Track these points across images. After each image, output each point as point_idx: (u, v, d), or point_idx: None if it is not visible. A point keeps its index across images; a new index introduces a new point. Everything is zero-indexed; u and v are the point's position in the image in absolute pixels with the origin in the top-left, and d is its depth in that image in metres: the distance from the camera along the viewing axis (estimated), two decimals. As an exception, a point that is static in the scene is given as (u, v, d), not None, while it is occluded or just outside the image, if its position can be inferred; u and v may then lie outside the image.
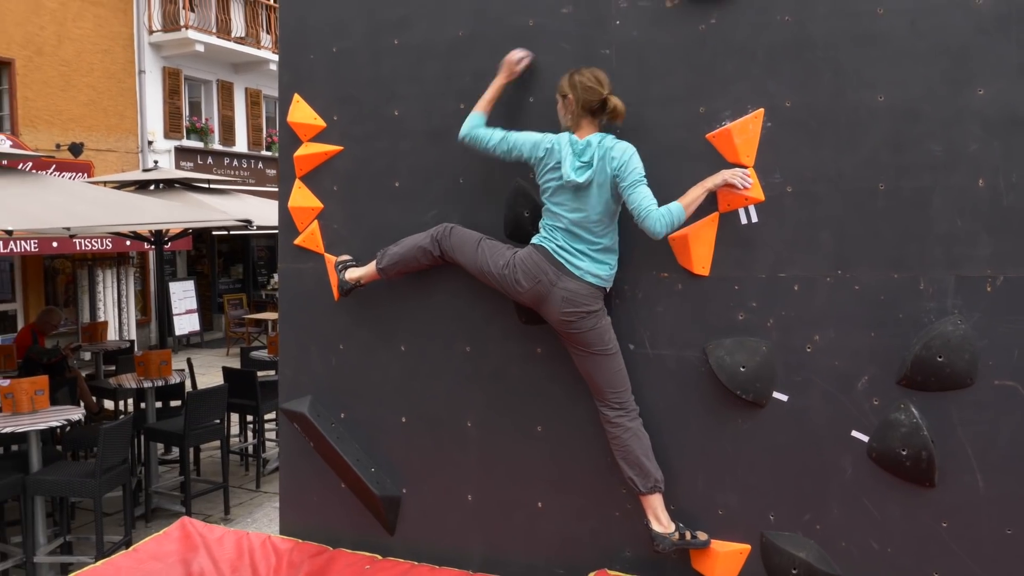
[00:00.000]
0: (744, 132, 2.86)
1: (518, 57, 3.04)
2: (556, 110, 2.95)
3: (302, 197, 3.54)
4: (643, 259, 3.00)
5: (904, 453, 2.68)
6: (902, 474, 2.70)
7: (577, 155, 2.80)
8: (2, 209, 4.78)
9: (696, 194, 2.78)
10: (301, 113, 3.52)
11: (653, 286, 3.00)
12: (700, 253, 2.92)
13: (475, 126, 2.99)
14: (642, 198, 2.73)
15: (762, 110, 2.85)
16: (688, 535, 2.87)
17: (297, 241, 3.56)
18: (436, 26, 3.29)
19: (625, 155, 2.78)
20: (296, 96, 3.54)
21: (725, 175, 2.81)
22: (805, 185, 2.81)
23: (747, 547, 2.89)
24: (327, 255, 3.49)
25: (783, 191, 2.83)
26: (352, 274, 3.27)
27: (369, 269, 3.24)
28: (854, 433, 2.77)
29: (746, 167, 2.85)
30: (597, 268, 2.84)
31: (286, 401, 3.57)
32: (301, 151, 3.53)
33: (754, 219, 2.87)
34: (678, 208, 2.73)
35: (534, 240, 2.92)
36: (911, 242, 2.71)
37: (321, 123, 3.50)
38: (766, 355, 2.85)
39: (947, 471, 2.67)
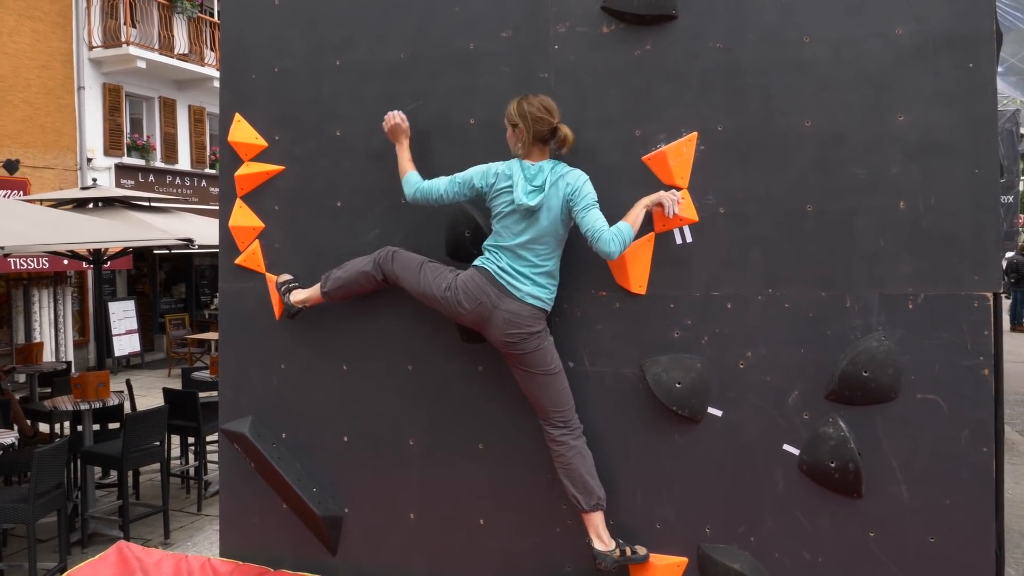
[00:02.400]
0: (678, 155, 2.94)
1: (398, 119, 3.10)
2: (499, 131, 3.00)
3: (243, 217, 3.53)
4: (582, 278, 3.05)
5: (833, 465, 2.77)
6: (831, 486, 2.79)
7: (529, 180, 2.85)
8: (-68, 228, 4.66)
9: (637, 212, 2.85)
10: (242, 132, 3.51)
11: (592, 305, 3.06)
12: (637, 272, 2.99)
13: (417, 184, 3.01)
14: (595, 220, 2.78)
15: (695, 134, 2.94)
16: (628, 551, 2.91)
17: (238, 261, 3.54)
18: (378, 48, 3.32)
19: (579, 181, 2.84)
20: (237, 115, 3.53)
21: (660, 196, 2.88)
22: (737, 206, 2.90)
23: (684, 560, 2.95)
24: (268, 275, 3.48)
25: (716, 212, 2.92)
26: (297, 296, 3.26)
27: (313, 292, 3.24)
28: (785, 447, 2.86)
29: (680, 188, 2.93)
30: (538, 291, 2.88)
31: (227, 421, 3.53)
32: (242, 170, 3.51)
33: (688, 239, 2.95)
34: (627, 227, 2.79)
35: (476, 262, 2.95)
36: (837, 262, 2.81)
37: (262, 143, 3.50)
38: (701, 372, 2.92)
39: (874, 482, 2.77)
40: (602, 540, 2.91)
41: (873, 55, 2.79)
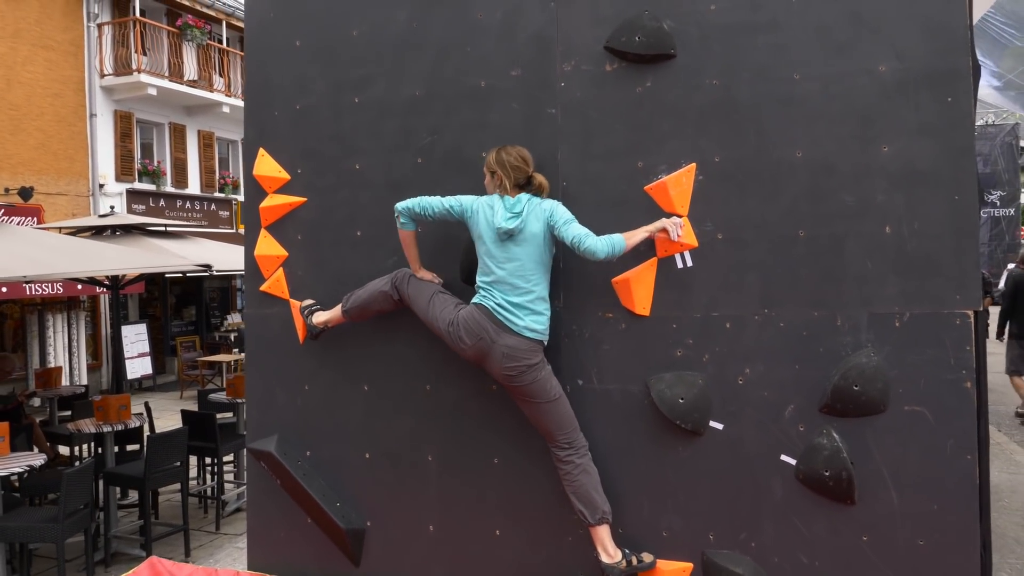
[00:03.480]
0: (678, 184, 3.15)
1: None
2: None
3: (267, 246, 3.73)
4: (589, 301, 3.25)
5: (827, 474, 2.95)
6: (826, 493, 2.97)
7: (508, 208, 3.06)
8: (-34, 258, 4.88)
9: (638, 234, 3.06)
10: (266, 166, 3.73)
11: (599, 326, 3.25)
12: (641, 295, 3.18)
13: (408, 201, 3.18)
14: (576, 229, 3.01)
15: (694, 164, 3.14)
16: (635, 560, 3.09)
17: (263, 287, 3.74)
18: (394, 85, 3.54)
19: (555, 205, 3.08)
20: (261, 150, 3.75)
21: (663, 222, 3.08)
22: (734, 232, 3.10)
23: (690, 565, 3.12)
24: (292, 300, 3.68)
25: (714, 238, 3.12)
26: (319, 318, 3.46)
27: (335, 313, 3.44)
28: (783, 457, 3.03)
29: (681, 216, 3.13)
30: (534, 321, 3.05)
31: (253, 441, 3.71)
32: (266, 202, 3.72)
33: (689, 263, 3.15)
34: (619, 237, 3.00)
35: (474, 300, 3.13)
36: (828, 283, 3.01)
37: (285, 175, 3.71)
38: (702, 388, 3.11)
39: (866, 490, 2.95)
40: (608, 553, 3.08)
41: (859, 91, 2.99)
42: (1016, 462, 7.25)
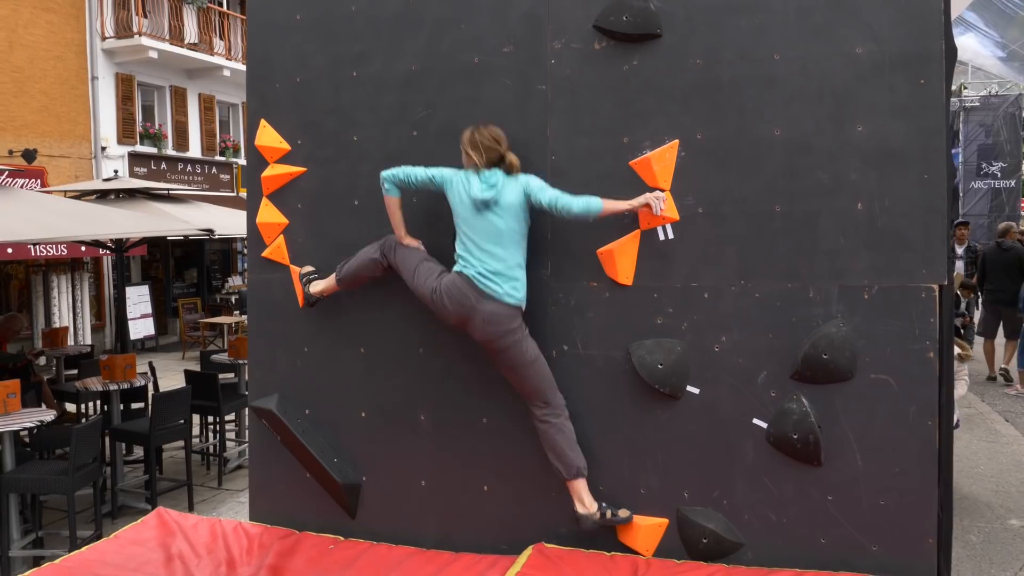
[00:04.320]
0: (662, 160, 3.29)
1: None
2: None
3: (269, 214, 3.88)
4: (575, 271, 3.41)
5: (796, 437, 3.13)
6: (795, 455, 3.15)
7: (484, 180, 3.23)
8: (-24, 221, 5.03)
9: (621, 206, 3.21)
10: (268, 137, 3.86)
11: (584, 294, 3.41)
12: (624, 265, 3.34)
13: (394, 170, 3.36)
14: (552, 192, 3.19)
15: (677, 141, 3.28)
16: (610, 513, 3.28)
17: (265, 254, 3.89)
18: (391, 61, 3.66)
19: (529, 176, 3.26)
20: (263, 121, 3.88)
21: (646, 197, 3.23)
22: (714, 207, 3.25)
23: (665, 521, 3.32)
24: (292, 267, 3.83)
25: (695, 212, 3.27)
26: (316, 287, 3.63)
27: (330, 282, 3.60)
28: (755, 421, 3.22)
29: (663, 190, 3.28)
30: (512, 288, 3.21)
31: (255, 399, 3.90)
32: (268, 172, 3.86)
33: (670, 236, 3.30)
34: (596, 200, 3.17)
35: (455, 268, 3.28)
36: (802, 256, 3.16)
37: (286, 146, 3.84)
38: (681, 354, 3.28)
39: (832, 452, 3.13)
40: (584, 504, 3.28)
41: (836, 72, 3.12)
42: (995, 431, 7.46)
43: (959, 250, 11.68)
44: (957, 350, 4.61)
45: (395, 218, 3.43)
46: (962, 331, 8.95)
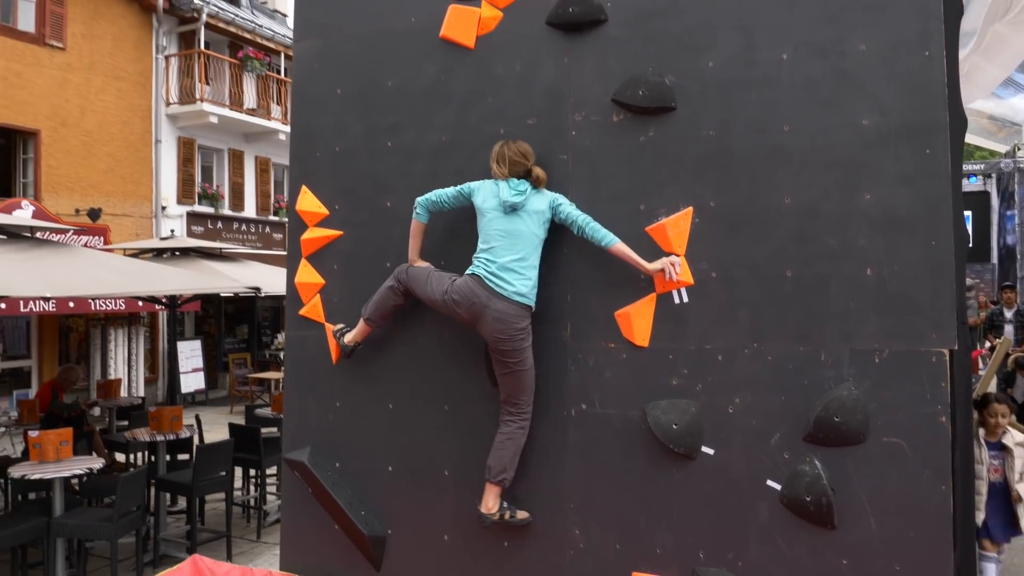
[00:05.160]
0: (676, 226, 3.42)
1: None
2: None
3: (307, 274, 4.10)
4: (594, 332, 3.53)
5: (809, 499, 3.17)
6: (808, 517, 3.18)
7: (512, 187, 3.48)
8: (41, 278, 5.36)
9: (637, 258, 3.38)
10: (308, 202, 4.11)
11: (602, 355, 3.53)
12: (641, 327, 3.45)
13: (425, 201, 3.63)
14: (581, 213, 3.43)
15: (691, 208, 3.42)
16: (508, 515, 3.52)
17: (302, 312, 4.10)
18: (423, 132, 3.89)
19: (559, 195, 3.51)
20: (304, 187, 4.13)
21: (662, 262, 3.37)
22: (727, 271, 3.36)
23: (680, 580, 3.35)
24: (327, 324, 4.03)
25: (709, 276, 3.38)
26: (349, 337, 3.82)
27: (360, 327, 3.80)
28: (769, 482, 3.26)
29: (678, 255, 3.41)
30: (522, 284, 3.42)
31: (289, 451, 4.06)
32: (307, 235, 4.10)
33: (685, 299, 3.41)
34: (614, 237, 3.38)
35: (469, 270, 3.52)
36: (813, 320, 3.24)
37: (324, 211, 4.08)
38: (695, 415, 3.36)
39: (845, 515, 3.15)
40: (487, 505, 3.52)
41: (843, 142, 3.24)
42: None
43: (1008, 314, 11.47)
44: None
45: (415, 243, 3.69)
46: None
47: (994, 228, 21.71)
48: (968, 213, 21.98)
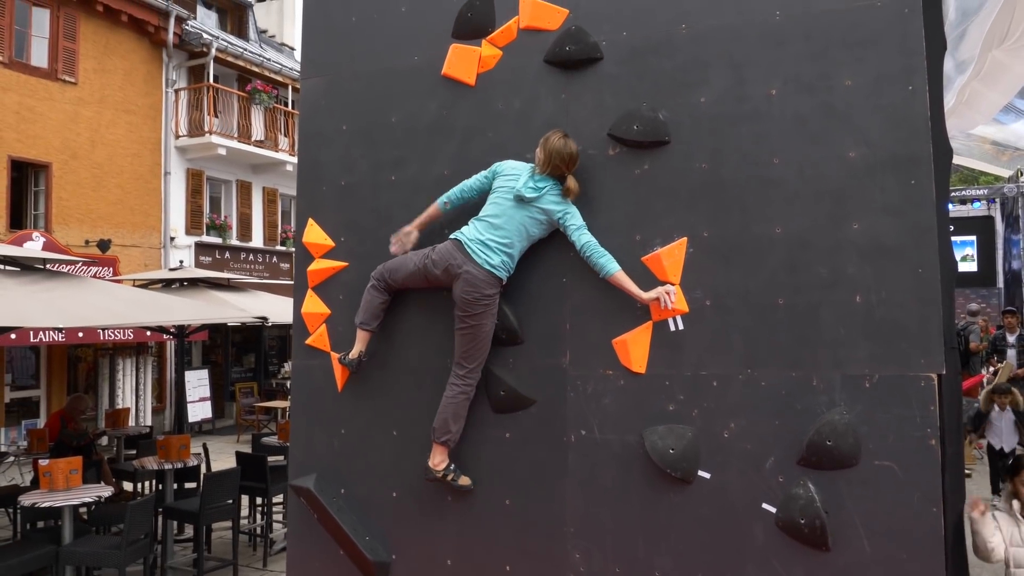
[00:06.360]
0: (671, 256, 3.53)
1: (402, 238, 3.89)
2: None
3: (313, 304, 4.21)
4: (592, 359, 3.63)
5: (803, 522, 3.23)
6: (803, 540, 3.25)
7: (534, 182, 3.61)
8: (54, 309, 5.49)
9: (634, 288, 3.48)
10: (314, 234, 4.23)
11: (600, 382, 3.62)
12: (638, 354, 3.55)
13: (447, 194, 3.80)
14: (592, 238, 3.54)
15: (685, 239, 3.52)
16: (451, 476, 3.71)
17: (308, 341, 4.21)
18: (426, 166, 4.02)
19: (574, 209, 3.61)
20: (310, 220, 4.25)
21: (658, 291, 3.46)
22: (720, 300, 3.46)
23: (678, 603, 3.41)
24: (333, 353, 4.13)
25: (703, 304, 3.48)
26: (352, 353, 3.92)
27: (358, 336, 3.93)
28: (764, 505, 3.33)
29: (673, 284, 3.51)
30: (495, 259, 3.59)
31: (295, 478, 4.15)
32: (313, 266, 4.22)
33: (680, 327, 3.51)
34: (616, 265, 3.50)
35: (453, 234, 3.70)
36: (805, 347, 3.33)
37: (330, 243, 4.20)
38: (692, 440, 3.44)
39: (839, 537, 3.22)
40: (435, 462, 3.71)
41: (831, 174, 3.35)
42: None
43: (1011, 338, 11.52)
44: None
45: (424, 218, 3.86)
46: None
47: (999, 253, 21.78)
48: (972, 238, 22.05)
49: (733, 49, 3.52)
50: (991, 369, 11.52)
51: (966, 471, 4.98)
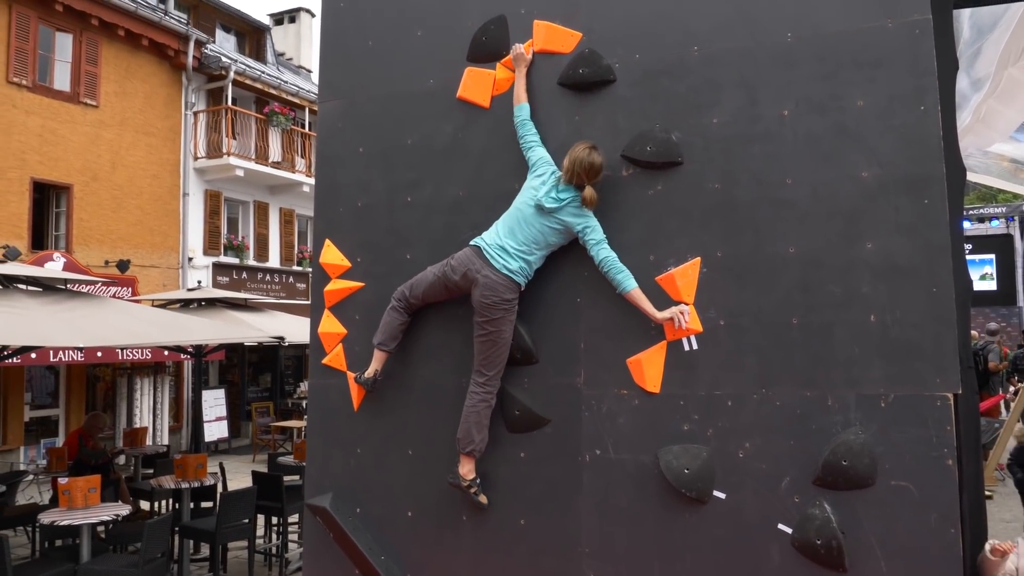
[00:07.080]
0: (685, 276, 3.54)
1: (521, 50, 3.90)
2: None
3: (330, 324, 4.25)
4: (607, 379, 3.64)
5: (819, 543, 3.22)
6: (819, 560, 3.23)
7: (557, 192, 3.64)
8: (75, 329, 5.57)
9: (649, 307, 3.50)
10: (331, 255, 4.28)
11: (615, 402, 3.63)
12: (652, 374, 3.56)
13: (522, 118, 3.83)
14: (611, 253, 3.56)
15: (699, 259, 3.54)
16: (474, 490, 3.73)
17: (325, 361, 4.25)
18: (441, 187, 4.07)
19: (595, 221, 3.63)
20: (327, 241, 4.31)
21: (672, 311, 3.48)
22: (734, 319, 3.47)
23: (694, 624, 3.40)
24: (349, 373, 4.17)
25: (717, 324, 3.49)
26: (367, 372, 3.95)
27: (375, 356, 3.96)
28: (780, 525, 3.32)
29: (687, 304, 3.52)
30: (513, 264, 3.63)
31: (311, 497, 4.17)
32: (330, 287, 4.26)
33: (695, 347, 3.52)
34: (633, 282, 3.52)
35: (473, 241, 3.76)
36: (819, 366, 3.33)
37: (347, 263, 4.24)
38: (706, 459, 3.43)
39: (856, 558, 3.20)
40: (462, 472, 3.73)
41: (844, 194, 3.36)
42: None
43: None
44: None
45: (523, 83, 3.88)
46: None
47: (1019, 271, 21.59)
48: (991, 256, 21.89)
49: (745, 70, 3.55)
50: (1012, 389, 11.41)
51: (987, 493, 4.92)
